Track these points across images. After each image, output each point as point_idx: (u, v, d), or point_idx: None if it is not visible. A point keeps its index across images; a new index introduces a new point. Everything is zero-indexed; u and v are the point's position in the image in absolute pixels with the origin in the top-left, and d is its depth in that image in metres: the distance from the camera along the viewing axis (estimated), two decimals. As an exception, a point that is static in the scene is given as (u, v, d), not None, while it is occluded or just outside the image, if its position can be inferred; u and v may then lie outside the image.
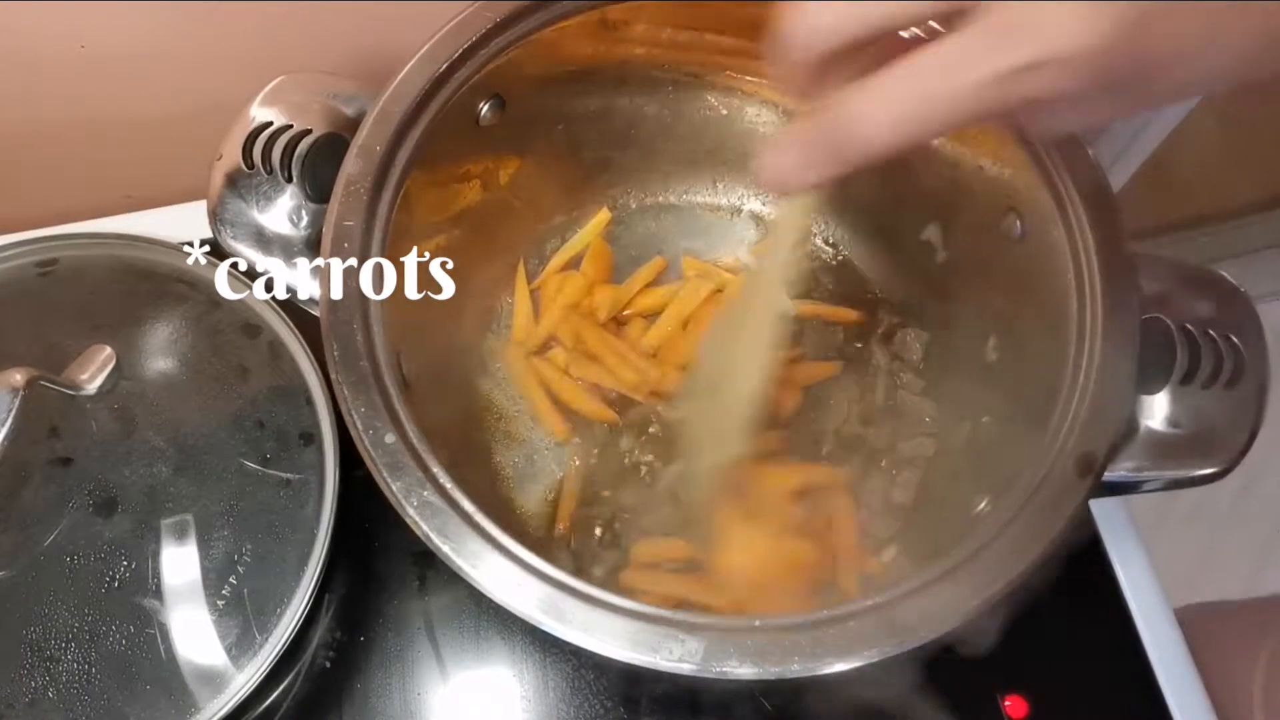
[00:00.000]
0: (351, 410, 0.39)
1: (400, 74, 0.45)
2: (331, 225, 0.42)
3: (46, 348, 0.47)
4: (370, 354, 0.40)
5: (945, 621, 0.35)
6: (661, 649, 0.34)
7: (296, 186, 0.44)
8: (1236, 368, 0.40)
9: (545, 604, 0.35)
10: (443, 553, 0.36)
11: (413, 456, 0.38)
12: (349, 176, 0.43)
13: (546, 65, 0.49)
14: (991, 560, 0.36)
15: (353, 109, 0.46)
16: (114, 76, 0.59)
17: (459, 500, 0.37)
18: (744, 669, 0.34)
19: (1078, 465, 0.38)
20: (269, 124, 0.45)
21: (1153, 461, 0.40)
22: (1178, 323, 0.41)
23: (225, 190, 0.44)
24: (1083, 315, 0.41)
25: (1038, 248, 0.44)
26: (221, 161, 0.44)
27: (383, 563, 0.52)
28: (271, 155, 0.44)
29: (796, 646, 0.34)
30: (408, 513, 0.37)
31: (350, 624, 0.51)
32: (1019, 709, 0.50)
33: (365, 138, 0.43)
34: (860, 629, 0.35)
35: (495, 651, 0.51)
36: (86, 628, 0.43)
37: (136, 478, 0.45)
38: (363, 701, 0.50)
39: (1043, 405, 0.40)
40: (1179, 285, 0.42)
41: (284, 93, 0.45)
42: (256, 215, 0.44)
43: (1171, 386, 0.40)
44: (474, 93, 0.47)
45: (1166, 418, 0.40)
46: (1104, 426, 0.38)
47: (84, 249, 0.52)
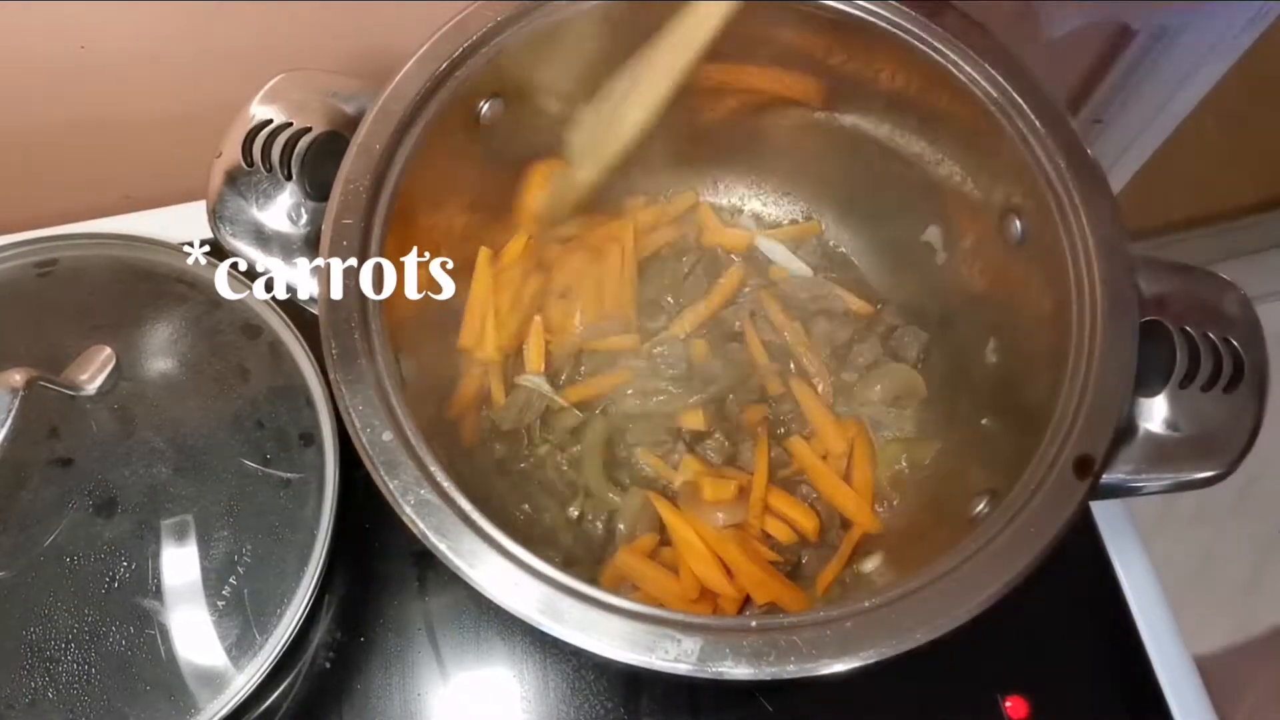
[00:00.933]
0: (349, 408, 0.39)
1: (400, 72, 0.45)
2: (330, 223, 0.42)
3: (46, 348, 0.47)
4: (369, 352, 0.40)
5: (942, 624, 0.35)
6: (657, 649, 0.34)
7: (296, 184, 0.44)
8: (1236, 370, 0.40)
9: (542, 603, 0.36)
10: (439, 550, 0.36)
11: (410, 455, 0.38)
12: (348, 174, 0.43)
13: (547, 65, 0.49)
14: (989, 562, 0.36)
15: (353, 107, 0.45)
16: (114, 76, 0.59)
17: (456, 499, 0.37)
18: (739, 669, 0.34)
19: (1076, 467, 0.38)
20: (269, 121, 0.45)
21: (1151, 464, 0.39)
22: (1177, 325, 0.41)
23: (225, 188, 0.44)
24: (1082, 317, 0.41)
25: (1038, 249, 0.44)
26: (221, 159, 0.44)
27: (383, 563, 0.52)
28: (271, 153, 0.44)
29: (793, 647, 0.34)
30: (404, 511, 0.37)
31: (350, 624, 0.51)
32: (1019, 709, 0.50)
33: (365, 136, 0.43)
34: (857, 631, 0.35)
35: (495, 652, 0.51)
36: (86, 628, 0.43)
37: (136, 478, 0.45)
38: (363, 702, 0.50)
39: (1042, 407, 0.40)
40: (1179, 287, 0.42)
41: (284, 90, 0.45)
42: (256, 213, 0.44)
43: (1170, 389, 0.40)
44: (474, 92, 0.47)
45: (1165, 420, 0.40)
46: (1102, 428, 0.38)
47: (84, 249, 0.52)
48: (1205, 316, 0.41)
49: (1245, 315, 0.42)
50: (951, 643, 0.35)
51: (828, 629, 0.35)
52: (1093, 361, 0.40)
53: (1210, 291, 0.42)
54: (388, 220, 0.43)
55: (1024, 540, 0.37)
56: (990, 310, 0.50)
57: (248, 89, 0.46)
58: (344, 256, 0.41)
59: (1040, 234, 0.44)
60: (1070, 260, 0.42)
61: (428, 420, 0.40)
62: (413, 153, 0.44)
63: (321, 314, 0.40)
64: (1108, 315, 0.40)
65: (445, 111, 0.45)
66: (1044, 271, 0.44)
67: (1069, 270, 0.42)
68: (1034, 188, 0.44)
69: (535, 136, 0.53)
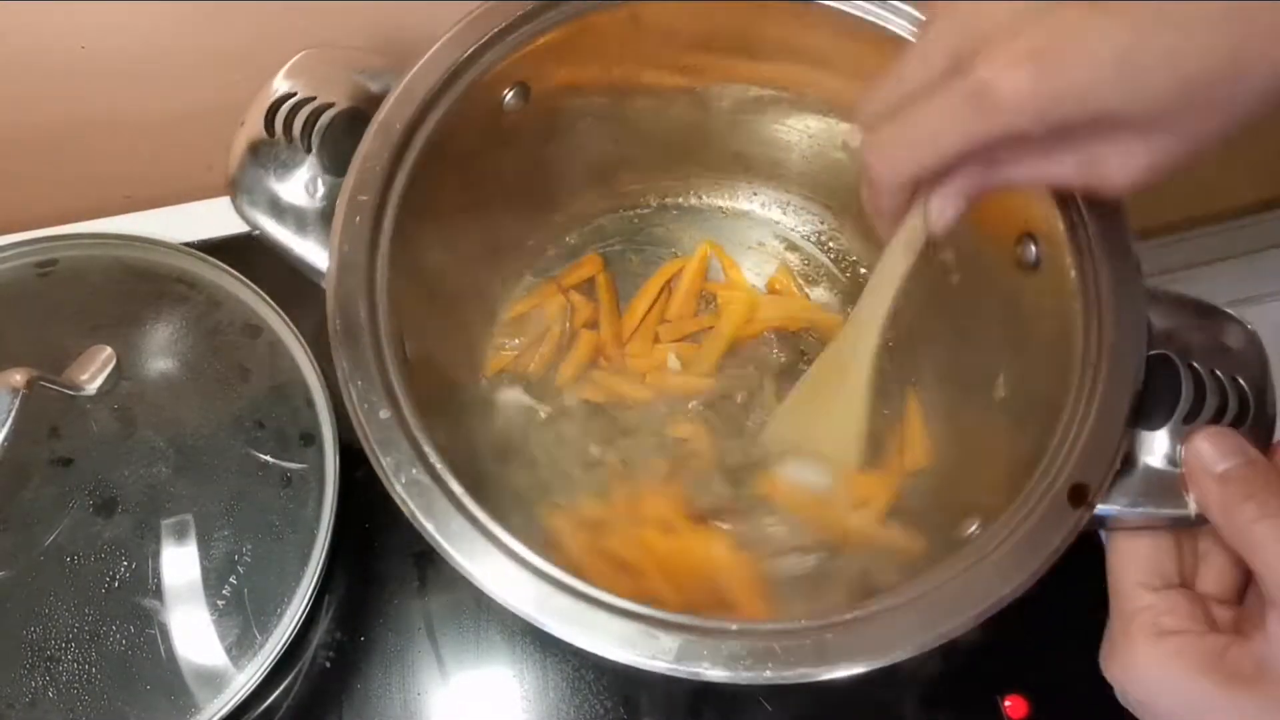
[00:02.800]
0: (349, 382, 0.38)
1: (427, 54, 0.44)
2: (345, 199, 0.42)
3: (46, 348, 0.47)
4: (373, 329, 0.40)
5: (923, 641, 0.35)
6: (636, 645, 0.34)
7: (315, 158, 0.44)
8: (1241, 409, 0.39)
9: (526, 591, 0.35)
10: (426, 530, 0.36)
11: (405, 434, 0.38)
12: (366, 152, 0.42)
13: (574, 57, 0.49)
14: (975, 583, 0.36)
15: (378, 85, 0.45)
16: (114, 76, 0.59)
17: (447, 480, 0.37)
18: (715, 671, 0.34)
19: (1071, 495, 0.37)
20: (293, 94, 0.44)
21: (1149, 498, 0.38)
22: (1184, 360, 0.40)
23: (246, 155, 0.44)
24: (1089, 345, 0.40)
25: (1051, 275, 0.44)
26: (244, 128, 0.44)
27: (383, 563, 0.52)
28: (293, 125, 0.44)
29: (770, 654, 0.34)
30: (395, 489, 0.37)
31: (350, 624, 0.51)
32: (1019, 709, 0.50)
33: (386, 114, 0.43)
34: (836, 642, 0.35)
35: (495, 652, 0.51)
36: (86, 628, 0.43)
37: (136, 478, 0.45)
38: (363, 702, 0.50)
39: (1042, 433, 0.40)
40: (1189, 322, 0.41)
41: (309, 65, 0.45)
42: (273, 184, 0.44)
43: (1173, 424, 0.39)
44: (499, 79, 0.47)
45: (1166, 455, 0.39)
46: (1100, 458, 0.38)
47: (84, 249, 0.52)
48: (1214, 353, 0.41)
49: (1256, 355, 0.41)
50: (951, 642, 0.35)
51: (807, 638, 0.35)
52: (1096, 390, 0.39)
53: (1221, 329, 0.41)
54: (402, 200, 0.43)
55: (1012, 564, 0.36)
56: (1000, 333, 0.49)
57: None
58: (356, 233, 0.41)
59: (1055, 259, 0.43)
60: (1081, 288, 0.41)
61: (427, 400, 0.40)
62: (433, 134, 0.44)
63: (329, 289, 0.41)
64: (1115, 345, 0.40)
65: (469, 96, 0.45)
66: (1056, 297, 0.43)
67: (1079, 297, 0.41)
68: (1050, 213, 0.43)
69: (559, 129, 0.52)
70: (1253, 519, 0.34)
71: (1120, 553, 0.39)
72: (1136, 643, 0.36)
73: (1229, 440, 0.37)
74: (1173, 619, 0.36)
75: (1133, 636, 0.36)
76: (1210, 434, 0.37)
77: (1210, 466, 0.36)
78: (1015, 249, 0.46)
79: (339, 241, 0.41)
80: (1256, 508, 0.34)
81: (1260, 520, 0.34)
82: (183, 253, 0.51)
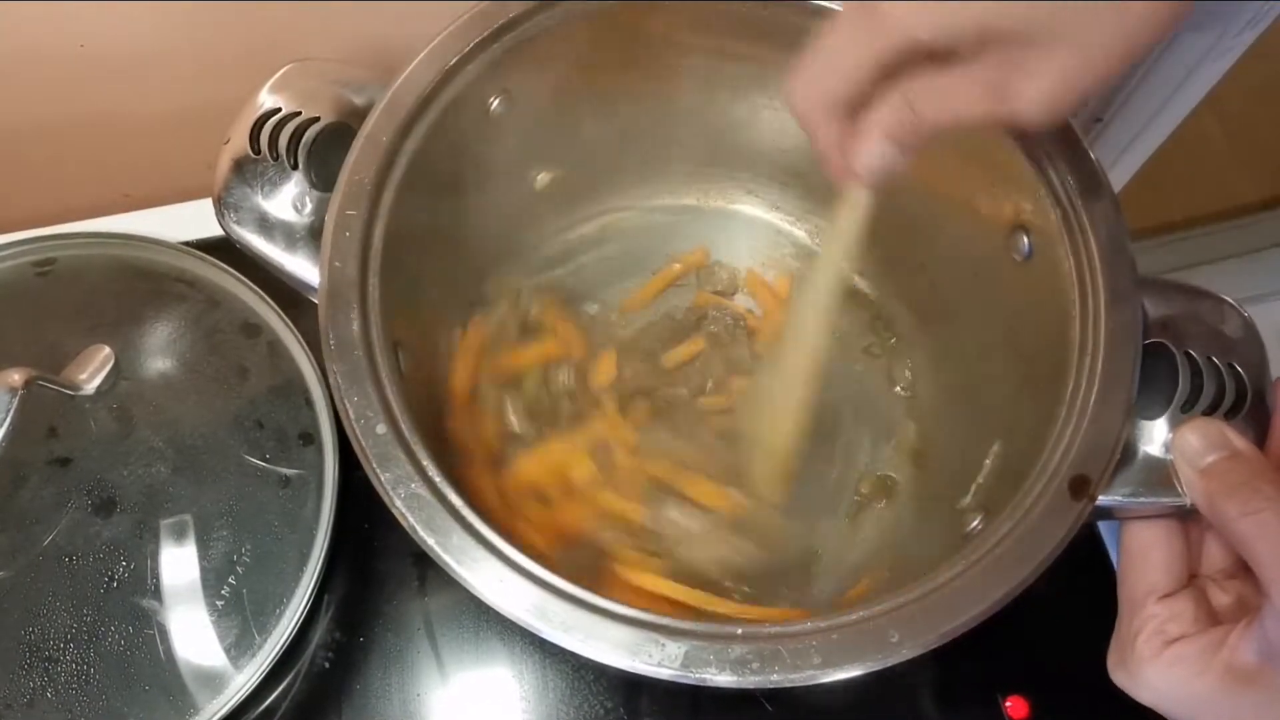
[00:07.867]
0: (344, 399, 0.38)
1: (411, 64, 0.44)
2: (334, 214, 0.42)
3: (45, 348, 0.47)
4: (366, 344, 0.39)
5: (927, 640, 0.35)
6: (641, 653, 0.34)
7: (302, 174, 0.44)
8: (1239, 397, 0.39)
9: (529, 602, 0.35)
10: (427, 545, 0.36)
11: (403, 449, 0.38)
12: (353, 165, 0.42)
13: (559, 63, 0.49)
14: (980, 579, 0.36)
15: (363, 98, 0.45)
16: (114, 76, 0.59)
17: (447, 494, 0.37)
18: (723, 677, 0.34)
19: (1072, 487, 0.37)
20: (277, 110, 0.44)
21: (1149, 488, 0.38)
22: (1181, 348, 0.40)
23: (231, 174, 0.44)
24: (1084, 336, 0.40)
25: (1044, 266, 0.44)
26: (229, 145, 0.44)
27: (382, 563, 0.52)
28: (279, 141, 0.44)
29: (777, 657, 0.34)
30: (395, 504, 0.37)
31: (350, 624, 0.51)
32: (1019, 709, 0.49)
33: (372, 127, 0.43)
34: (842, 643, 0.35)
35: (495, 652, 0.51)
36: (85, 628, 0.43)
37: (135, 478, 0.45)
38: (362, 702, 0.49)
39: (1040, 425, 0.40)
40: (1185, 310, 0.41)
41: (294, 79, 0.45)
42: (261, 201, 0.44)
43: (1171, 413, 0.39)
44: (485, 87, 0.47)
45: (1166, 444, 0.39)
46: (1100, 449, 0.38)
47: (82, 249, 0.52)
48: (1211, 341, 0.40)
49: (1252, 341, 0.41)
50: (952, 642, 0.35)
51: (813, 640, 0.35)
52: (1094, 382, 0.39)
53: (1217, 316, 0.41)
54: (392, 213, 0.43)
55: (1016, 559, 0.36)
56: (994, 325, 0.49)
57: (249, 88, 0.45)
58: (346, 248, 0.41)
59: (1047, 251, 0.43)
60: (1076, 279, 0.41)
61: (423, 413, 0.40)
62: (420, 145, 0.44)
63: (321, 305, 0.40)
64: (1111, 335, 0.40)
65: (454, 106, 0.45)
66: (1050, 288, 0.43)
67: (1074, 288, 0.41)
68: (1043, 205, 0.43)
69: (546, 137, 0.52)
70: (1237, 515, 0.34)
71: (1133, 557, 0.39)
72: (1142, 652, 0.36)
73: (1215, 433, 0.37)
74: (1176, 625, 0.36)
75: (1138, 647, 0.37)
76: (1196, 426, 0.37)
77: (1194, 461, 0.37)
78: (1007, 242, 0.46)
79: (329, 257, 0.41)
80: (1239, 504, 0.34)
81: (1243, 517, 0.34)
82: (181, 252, 0.51)
